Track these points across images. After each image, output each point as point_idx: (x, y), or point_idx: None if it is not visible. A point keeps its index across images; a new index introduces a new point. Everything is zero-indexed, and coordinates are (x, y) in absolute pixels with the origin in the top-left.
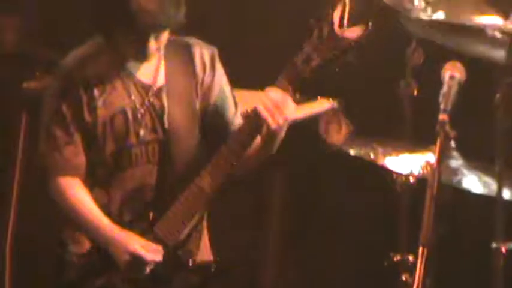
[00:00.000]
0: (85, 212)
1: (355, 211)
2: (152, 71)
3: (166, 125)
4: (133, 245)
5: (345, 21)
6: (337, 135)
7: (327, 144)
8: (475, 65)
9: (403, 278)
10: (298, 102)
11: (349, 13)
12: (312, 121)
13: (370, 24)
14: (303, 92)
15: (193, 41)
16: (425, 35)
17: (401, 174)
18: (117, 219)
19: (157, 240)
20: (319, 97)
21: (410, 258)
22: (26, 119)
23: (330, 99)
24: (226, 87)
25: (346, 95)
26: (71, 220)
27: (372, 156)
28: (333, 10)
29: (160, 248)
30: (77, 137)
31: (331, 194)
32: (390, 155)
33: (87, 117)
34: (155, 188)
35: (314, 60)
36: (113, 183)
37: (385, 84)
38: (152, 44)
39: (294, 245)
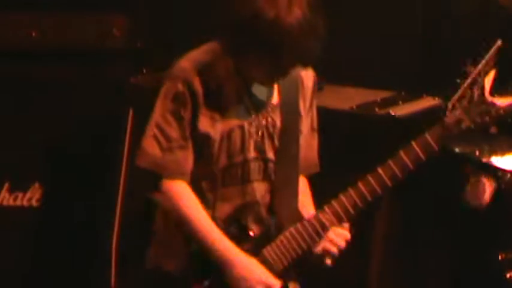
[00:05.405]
0: (202, 226)
1: (459, 209)
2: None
3: (276, 143)
4: (266, 276)
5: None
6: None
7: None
8: None
9: (508, 276)
10: (404, 100)
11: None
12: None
13: None
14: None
15: None
16: None
17: (506, 172)
18: None
19: (264, 263)
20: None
21: None
22: (132, 114)
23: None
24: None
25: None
26: (180, 225)
27: (477, 153)
28: (485, 75)
29: (280, 283)
30: (190, 143)
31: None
32: (496, 153)
33: (201, 127)
34: (259, 205)
35: (465, 123)
36: (217, 198)
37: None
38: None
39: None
